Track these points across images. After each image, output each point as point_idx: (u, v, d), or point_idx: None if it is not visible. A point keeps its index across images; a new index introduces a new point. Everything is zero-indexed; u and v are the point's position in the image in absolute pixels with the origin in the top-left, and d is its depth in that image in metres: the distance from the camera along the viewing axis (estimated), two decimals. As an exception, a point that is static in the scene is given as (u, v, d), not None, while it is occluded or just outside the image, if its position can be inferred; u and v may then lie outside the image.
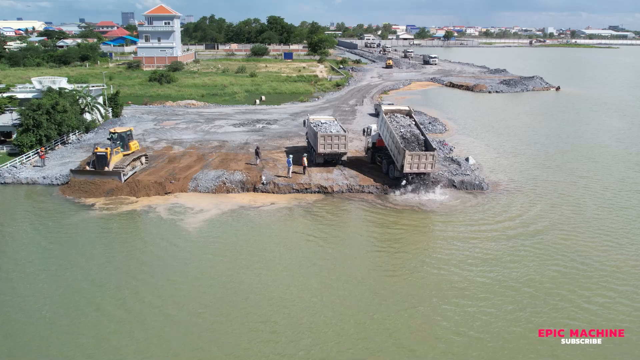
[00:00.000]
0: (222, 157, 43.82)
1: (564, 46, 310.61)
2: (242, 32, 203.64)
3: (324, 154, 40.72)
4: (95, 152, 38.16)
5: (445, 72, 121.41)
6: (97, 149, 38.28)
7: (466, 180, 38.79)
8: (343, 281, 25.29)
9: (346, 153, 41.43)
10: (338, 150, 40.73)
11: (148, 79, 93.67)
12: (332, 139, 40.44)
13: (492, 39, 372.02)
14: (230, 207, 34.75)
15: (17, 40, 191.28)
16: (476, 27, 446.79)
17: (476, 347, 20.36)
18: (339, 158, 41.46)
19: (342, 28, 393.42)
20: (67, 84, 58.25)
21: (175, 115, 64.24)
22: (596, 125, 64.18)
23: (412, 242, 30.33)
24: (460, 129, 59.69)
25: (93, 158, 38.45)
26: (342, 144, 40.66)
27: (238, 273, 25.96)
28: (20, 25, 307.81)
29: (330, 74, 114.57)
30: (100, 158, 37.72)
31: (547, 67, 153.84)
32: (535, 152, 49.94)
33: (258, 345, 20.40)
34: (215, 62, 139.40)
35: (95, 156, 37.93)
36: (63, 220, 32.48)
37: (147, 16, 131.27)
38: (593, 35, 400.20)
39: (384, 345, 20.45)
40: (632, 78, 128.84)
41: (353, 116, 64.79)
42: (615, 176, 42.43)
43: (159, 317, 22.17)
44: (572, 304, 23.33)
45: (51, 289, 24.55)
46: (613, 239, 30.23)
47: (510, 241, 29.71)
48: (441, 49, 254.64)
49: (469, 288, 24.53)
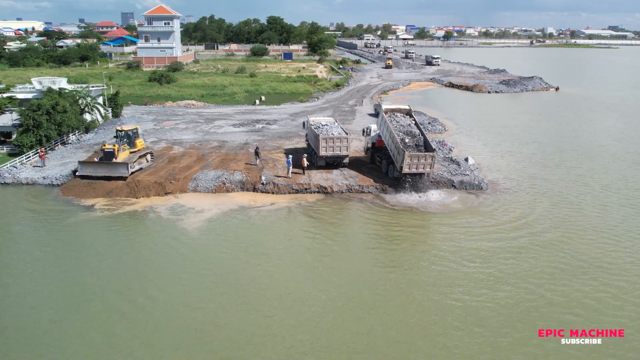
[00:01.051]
0: (222, 158, 43.86)
1: (563, 46, 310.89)
2: (241, 32, 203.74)
3: (325, 156, 40.21)
4: (102, 148, 39.42)
5: (445, 73, 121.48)
6: (105, 145, 39.59)
7: (465, 181, 38.85)
8: (342, 278, 25.36)
9: (348, 155, 40.99)
10: (340, 153, 40.22)
11: (148, 79, 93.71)
12: (333, 142, 39.92)
13: (491, 39, 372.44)
14: (230, 207, 34.81)
15: (17, 40, 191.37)
16: (476, 27, 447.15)
17: (476, 342, 20.45)
18: (340, 161, 40.92)
19: (341, 28, 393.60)
20: (67, 84, 58.26)
21: (175, 116, 64.28)
22: (595, 125, 64.25)
23: (411, 241, 30.39)
24: (460, 129, 59.75)
25: (100, 155, 39.61)
26: (344, 146, 40.16)
27: (238, 270, 26.03)
28: (20, 25, 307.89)
29: (330, 74, 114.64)
30: (107, 154, 38.78)
31: (547, 67, 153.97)
32: (534, 151, 50.01)
33: (259, 340, 20.49)
34: (215, 62, 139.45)
35: (103, 152, 39.04)
36: (63, 221, 32.52)
37: (147, 16, 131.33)
38: (593, 36, 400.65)
39: (383, 340, 20.53)
40: (631, 78, 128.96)
41: (352, 116, 64.83)
42: (614, 175, 42.49)
43: (161, 315, 22.25)
44: (568, 297, 23.43)
45: (52, 289, 24.61)
46: (611, 236, 30.31)
47: (509, 240, 29.75)
48: (441, 49, 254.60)
49: (467, 284, 24.62)
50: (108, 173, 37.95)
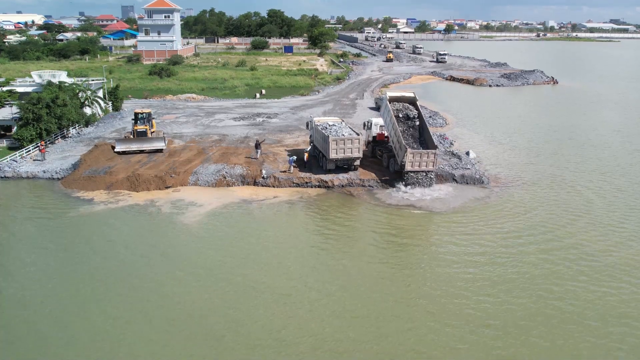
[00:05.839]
0: (223, 151, 43.75)
1: (564, 40, 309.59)
2: (242, 26, 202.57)
3: (336, 159, 37.68)
4: (135, 129, 44.56)
5: (446, 66, 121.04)
6: (137, 126, 44.58)
7: (467, 174, 38.77)
8: (344, 273, 25.41)
9: (360, 157, 38.34)
10: (352, 155, 37.68)
11: (148, 72, 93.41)
12: (344, 143, 37.27)
13: (492, 32, 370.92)
14: (231, 200, 34.79)
15: (17, 33, 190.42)
16: (477, 21, 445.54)
17: (478, 340, 20.46)
18: (351, 163, 38.37)
19: (342, 21, 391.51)
20: (67, 77, 58.02)
21: (176, 109, 64.13)
22: (595, 118, 64.07)
23: (412, 235, 30.39)
24: (461, 123, 59.61)
25: (128, 136, 45.16)
26: (356, 147, 37.60)
27: (239, 266, 26.04)
28: (19, 18, 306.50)
29: (331, 67, 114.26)
30: (140, 133, 44.32)
31: (549, 60, 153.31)
32: (535, 145, 49.90)
33: (261, 336, 20.51)
34: (215, 55, 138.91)
35: (137, 132, 44.38)
36: (63, 215, 32.51)
37: (147, 9, 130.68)
38: (594, 29, 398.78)
39: (383, 336, 20.56)
40: (633, 71, 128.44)
41: (354, 110, 64.67)
42: (615, 167, 42.42)
43: (162, 312, 22.25)
44: (563, 287, 23.44)
45: (52, 284, 24.63)
46: (615, 229, 30.28)
47: (511, 234, 29.76)
48: (442, 42, 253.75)
49: (473, 287, 24.61)
50: (146, 147, 43.16)
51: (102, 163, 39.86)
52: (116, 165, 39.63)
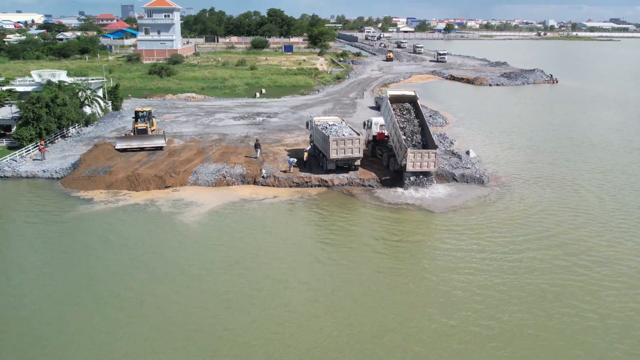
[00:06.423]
0: (222, 151, 43.73)
1: (565, 39, 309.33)
2: (242, 25, 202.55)
3: (336, 159, 37.75)
4: (136, 127, 45.28)
5: (446, 65, 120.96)
6: (137, 124, 45.26)
7: (467, 174, 38.75)
8: (344, 273, 25.40)
9: (360, 157, 38.39)
10: (352, 155, 37.75)
11: (148, 72, 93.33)
12: (345, 143, 37.33)
13: (492, 31, 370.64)
14: (231, 199, 34.79)
15: (17, 33, 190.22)
16: (477, 20, 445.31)
17: (479, 339, 20.46)
18: (352, 163, 38.42)
19: (342, 21, 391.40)
20: (67, 77, 58.01)
21: (175, 109, 64.10)
22: (595, 117, 64.04)
23: (412, 235, 30.36)
24: (461, 122, 59.59)
25: (129, 134, 45.96)
26: (356, 147, 37.68)
27: (238, 266, 26.03)
28: (19, 18, 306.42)
29: (331, 66, 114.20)
30: (141, 131, 45.06)
31: (549, 59, 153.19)
32: (535, 143, 49.88)
33: (262, 334, 20.50)
34: (215, 55, 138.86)
35: (137, 130, 45.07)
36: (63, 215, 32.49)
37: (147, 9, 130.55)
38: (594, 28, 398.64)
39: (382, 336, 20.55)
40: (633, 70, 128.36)
41: (354, 109, 64.65)
42: (615, 167, 42.38)
43: (160, 312, 22.24)
44: (564, 288, 23.43)
45: (50, 284, 24.62)
46: (613, 228, 30.27)
47: (511, 233, 29.76)
48: (442, 41, 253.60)
49: (469, 279, 24.62)
50: (147, 144, 43.64)
51: (101, 163, 39.84)
52: (116, 164, 39.61)
